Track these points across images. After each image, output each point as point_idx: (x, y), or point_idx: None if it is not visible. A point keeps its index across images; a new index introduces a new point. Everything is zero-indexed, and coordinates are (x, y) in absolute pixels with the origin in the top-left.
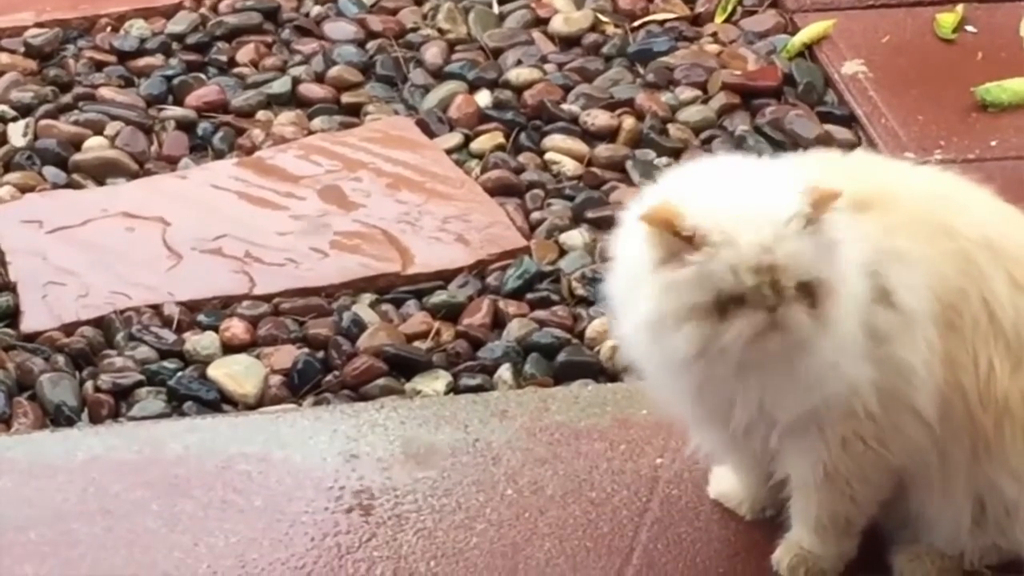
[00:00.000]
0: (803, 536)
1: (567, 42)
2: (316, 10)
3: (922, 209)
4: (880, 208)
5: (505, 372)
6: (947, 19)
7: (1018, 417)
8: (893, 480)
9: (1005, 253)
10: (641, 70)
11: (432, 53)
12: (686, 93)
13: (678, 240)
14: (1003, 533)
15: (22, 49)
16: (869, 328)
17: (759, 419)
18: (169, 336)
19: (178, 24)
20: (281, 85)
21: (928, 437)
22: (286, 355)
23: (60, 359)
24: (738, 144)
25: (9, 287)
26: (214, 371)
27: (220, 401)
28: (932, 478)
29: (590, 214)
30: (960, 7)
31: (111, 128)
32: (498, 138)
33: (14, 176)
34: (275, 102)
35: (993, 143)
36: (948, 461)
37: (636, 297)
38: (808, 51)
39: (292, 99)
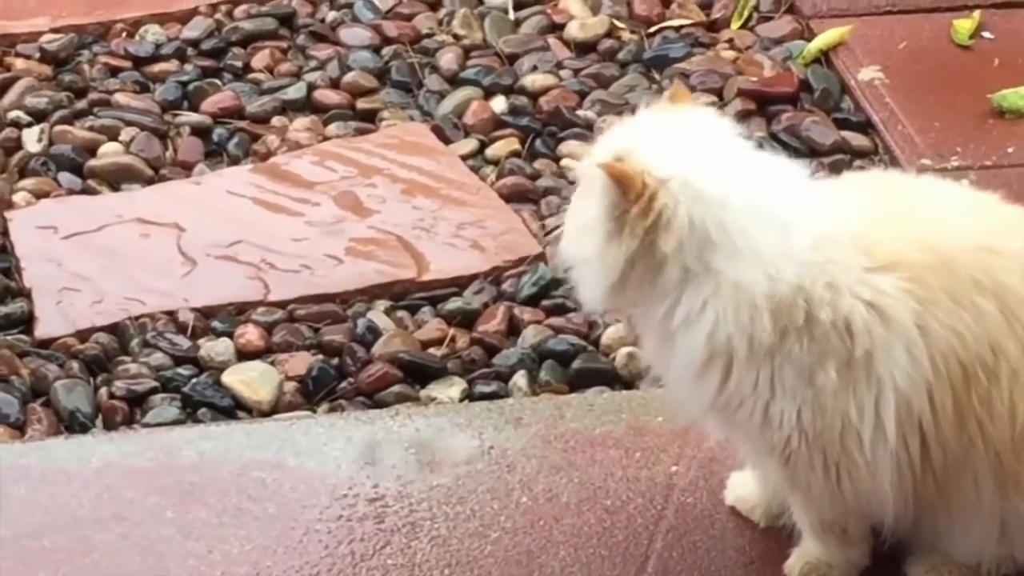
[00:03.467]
0: (811, 543)
1: (583, 48)
2: (331, 16)
3: (964, 269)
4: (909, 268)
5: (520, 379)
6: (964, 25)
7: None
8: (867, 504)
9: None
10: (657, 76)
11: (447, 59)
12: (702, 99)
13: None
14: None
15: (37, 55)
16: (807, 375)
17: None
18: (184, 342)
19: (193, 30)
20: (296, 91)
21: (891, 485)
22: (301, 362)
23: (74, 365)
24: None
25: (24, 293)
26: (228, 378)
27: (234, 408)
28: (941, 506)
29: None
30: (977, 13)
31: (126, 134)
32: (513, 144)
33: (29, 182)
34: (290, 108)
35: (1010, 149)
36: (966, 498)
37: None
38: (824, 57)
39: (307, 105)
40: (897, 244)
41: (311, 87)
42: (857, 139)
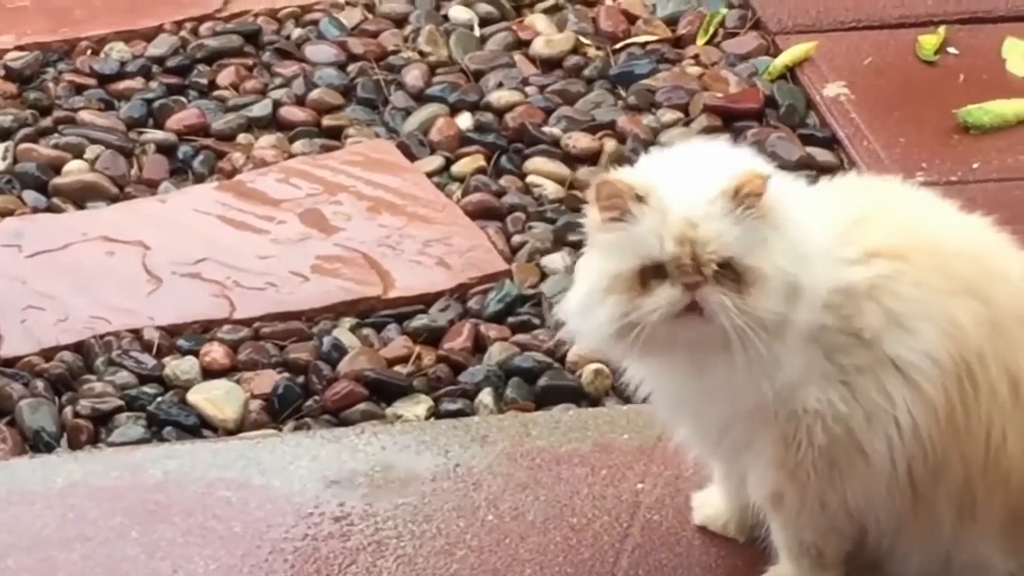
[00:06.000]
0: (785, 565)
1: (548, 64)
2: (297, 33)
3: (956, 265)
4: (908, 257)
5: (486, 396)
6: (929, 41)
7: (1013, 492)
8: (854, 521)
9: None
10: (623, 92)
11: (413, 76)
12: (668, 115)
13: (616, 200)
14: None
15: (2, 72)
16: (836, 355)
17: (695, 423)
18: (149, 361)
19: (158, 47)
20: (262, 108)
21: (882, 487)
22: (266, 380)
23: (39, 384)
24: None
25: None
26: (194, 396)
27: (200, 426)
28: (906, 527)
29: (572, 237)
30: (942, 29)
31: (91, 151)
32: (479, 161)
33: None
34: (256, 125)
35: (975, 165)
36: (933, 518)
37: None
38: (790, 73)
39: (273, 122)
40: (889, 235)
41: (276, 104)
42: (823, 155)
